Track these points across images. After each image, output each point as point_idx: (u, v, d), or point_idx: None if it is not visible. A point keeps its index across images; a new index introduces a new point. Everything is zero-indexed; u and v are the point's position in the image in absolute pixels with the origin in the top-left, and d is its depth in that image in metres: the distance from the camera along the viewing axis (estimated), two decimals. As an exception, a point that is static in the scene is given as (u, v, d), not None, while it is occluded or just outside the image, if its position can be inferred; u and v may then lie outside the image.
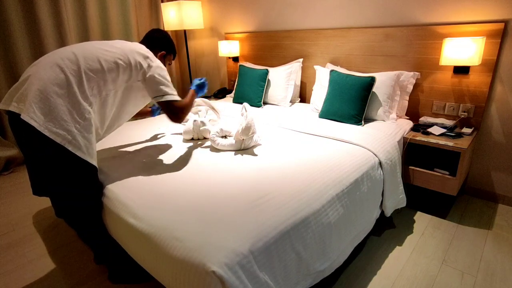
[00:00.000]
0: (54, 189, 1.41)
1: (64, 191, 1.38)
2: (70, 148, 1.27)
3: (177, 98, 1.56)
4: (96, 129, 1.43)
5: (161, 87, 1.52)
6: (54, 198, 1.55)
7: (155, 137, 2.06)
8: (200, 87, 1.82)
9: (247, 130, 1.72)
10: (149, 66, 1.51)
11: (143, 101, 1.65)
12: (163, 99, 1.52)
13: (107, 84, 1.41)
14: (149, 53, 1.55)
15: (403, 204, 1.98)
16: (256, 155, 1.71)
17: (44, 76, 1.28)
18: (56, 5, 2.90)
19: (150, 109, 2.13)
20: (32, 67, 1.35)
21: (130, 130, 2.22)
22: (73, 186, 1.37)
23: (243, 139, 1.77)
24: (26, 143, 1.32)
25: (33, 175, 1.52)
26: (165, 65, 1.74)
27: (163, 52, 1.73)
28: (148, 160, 1.68)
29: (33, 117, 1.22)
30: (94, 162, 1.37)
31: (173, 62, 4.05)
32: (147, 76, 1.50)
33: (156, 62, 1.55)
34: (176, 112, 1.55)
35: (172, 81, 4.18)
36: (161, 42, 1.72)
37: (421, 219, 2.09)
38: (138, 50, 1.52)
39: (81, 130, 1.31)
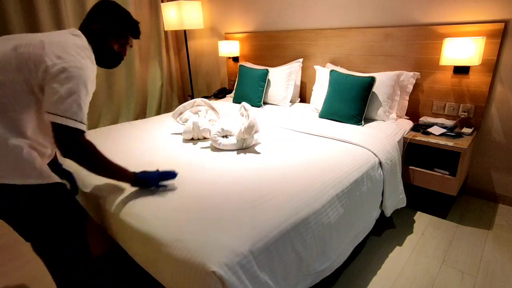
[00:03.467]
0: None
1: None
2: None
3: (79, 127, 1.06)
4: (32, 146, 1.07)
5: (58, 101, 1.01)
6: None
7: (154, 137, 2.06)
8: (153, 179, 1.33)
9: (250, 128, 1.72)
10: (51, 67, 1.02)
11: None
12: (53, 120, 1.02)
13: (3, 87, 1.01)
14: (68, 50, 1.05)
15: (403, 204, 1.98)
16: (257, 154, 1.71)
17: None
18: (56, 5, 2.90)
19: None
20: None
21: (129, 131, 2.22)
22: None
23: (245, 138, 1.77)
24: None
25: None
26: (122, 51, 1.28)
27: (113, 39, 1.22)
28: (148, 160, 1.68)
29: None
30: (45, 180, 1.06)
31: (173, 61, 4.01)
32: (46, 81, 1.02)
33: (70, 63, 1.03)
34: (70, 144, 1.05)
35: (172, 81, 4.18)
36: (104, 23, 1.19)
37: (421, 219, 2.09)
38: (51, 47, 1.04)
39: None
